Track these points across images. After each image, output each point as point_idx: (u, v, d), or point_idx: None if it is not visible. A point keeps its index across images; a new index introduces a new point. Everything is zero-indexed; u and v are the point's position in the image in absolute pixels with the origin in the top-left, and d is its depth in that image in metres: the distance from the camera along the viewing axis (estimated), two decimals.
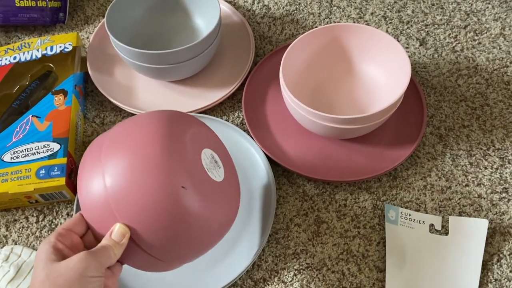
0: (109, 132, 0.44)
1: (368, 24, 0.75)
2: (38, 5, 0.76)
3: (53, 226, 0.59)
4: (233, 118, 0.67)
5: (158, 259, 0.42)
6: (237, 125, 0.66)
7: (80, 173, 0.42)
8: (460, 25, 0.73)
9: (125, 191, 0.39)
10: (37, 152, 0.59)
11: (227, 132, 0.64)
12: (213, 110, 0.68)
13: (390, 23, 0.74)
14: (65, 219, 0.60)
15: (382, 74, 0.63)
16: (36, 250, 0.57)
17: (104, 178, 0.40)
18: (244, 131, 0.64)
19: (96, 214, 0.41)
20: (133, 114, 0.68)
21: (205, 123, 0.49)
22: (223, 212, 0.45)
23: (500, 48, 0.70)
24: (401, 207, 0.58)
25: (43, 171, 0.58)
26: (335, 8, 0.77)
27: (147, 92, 0.68)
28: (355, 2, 0.77)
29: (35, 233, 0.59)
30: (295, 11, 0.77)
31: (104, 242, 0.40)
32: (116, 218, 0.40)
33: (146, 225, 0.40)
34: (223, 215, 0.45)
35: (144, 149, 0.40)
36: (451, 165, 0.61)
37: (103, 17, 0.78)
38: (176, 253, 0.43)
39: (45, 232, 0.59)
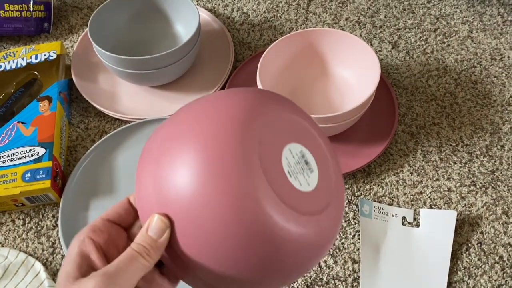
0: (171, 121, 0.33)
1: (342, 29, 0.78)
2: (23, 16, 0.78)
3: (39, 228, 0.61)
4: None
5: None
6: None
7: (138, 169, 0.33)
8: (430, 28, 0.77)
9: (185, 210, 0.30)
10: (23, 156, 0.61)
11: None
12: None
13: (364, 27, 0.78)
14: (50, 221, 0.62)
15: (354, 75, 0.66)
16: (22, 251, 0.59)
17: (157, 186, 0.31)
18: None
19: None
20: (116, 119, 0.70)
21: (299, 108, 0.36)
22: (306, 233, 0.32)
23: (468, 50, 0.74)
24: (375, 201, 0.60)
25: (29, 175, 0.60)
26: (311, 14, 0.80)
27: (129, 98, 0.71)
28: (330, 9, 0.81)
29: (22, 235, 0.61)
30: (273, 18, 0.80)
31: (133, 246, 0.30)
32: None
33: (216, 259, 0.30)
34: (305, 238, 0.32)
35: (212, 155, 0.30)
36: (422, 161, 0.63)
37: (87, 26, 0.81)
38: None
39: (31, 234, 0.61)
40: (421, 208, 0.60)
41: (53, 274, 0.58)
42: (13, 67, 0.71)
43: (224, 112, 0.31)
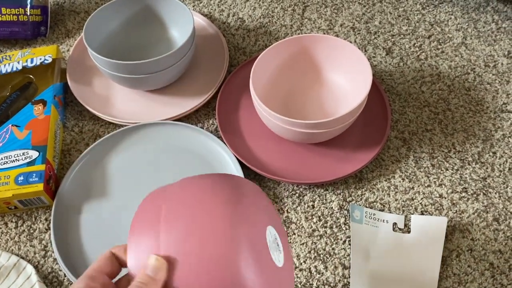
0: (170, 192, 0.39)
1: (337, 35, 0.78)
2: (20, 19, 0.78)
3: (32, 231, 0.61)
4: (207, 125, 0.70)
5: None
6: (211, 132, 0.68)
7: (133, 228, 0.37)
8: (425, 35, 0.77)
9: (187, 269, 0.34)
10: (16, 159, 0.61)
11: (202, 138, 0.66)
12: (188, 117, 0.70)
13: (358, 33, 0.78)
14: (43, 224, 0.62)
15: (347, 81, 0.67)
16: (14, 254, 0.59)
17: (162, 248, 0.35)
18: (218, 137, 0.67)
19: None
20: (111, 123, 0.70)
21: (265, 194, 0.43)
22: None
23: (462, 56, 0.74)
24: (366, 207, 0.61)
25: (22, 178, 0.60)
26: (306, 20, 0.81)
27: (124, 102, 0.71)
28: (325, 15, 0.81)
29: (14, 238, 0.61)
30: (268, 23, 0.81)
31: (134, 283, 0.34)
32: None
33: None
34: None
35: (209, 224, 0.35)
36: (414, 167, 0.64)
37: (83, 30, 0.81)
38: None
39: (24, 237, 0.61)
40: (412, 214, 0.60)
41: (44, 277, 0.58)
42: (9, 70, 0.71)
43: (213, 213, 0.36)
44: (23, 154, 0.62)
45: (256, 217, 0.38)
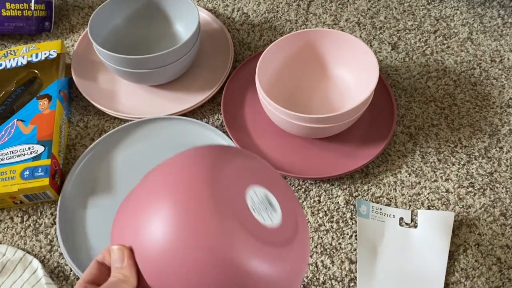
0: (143, 184, 0.37)
1: (342, 30, 0.78)
2: (24, 15, 0.78)
3: (37, 226, 0.61)
4: (213, 120, 0.70)
5: None
6: (216, 127, 0.68)
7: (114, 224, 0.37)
8: (430, 30, 0.77)
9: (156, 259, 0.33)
10: (22, 154, 0.61)
11: (207, 133, 0.66)
12: (193, 112, 0.70)
13: (364, 28, 0.78)
14: (49, 219, 0.62)
15: (353, 76, 0.66)
16: (20, 249, 0.59)
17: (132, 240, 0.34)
18: (223, 132, 0.66)
19: None
20: (116, 118, 0.70)
21: (259, 158, 0.41)
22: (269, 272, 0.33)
23: (467, 52, 0.74)
24: (373, 202, 0.60)
25: (27, 172, 0.60)
26: (311, 15, 0.80)
27: (129, 97, 0.71)
28: (330, 10, 0.81)
29: (20, 233, 0.61)
30: (273, 18, 0.80)
31: (110, 278, 0.35)
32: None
33: None
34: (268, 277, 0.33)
35: (183, 201, 0.33)
36: (421, 162, 0.63)
37: (87, 25, 0.81)
38: None
39: (30, 231, 0.61)
40: (419, 209, 0.60)
41: (50, 272, 0.58)
42: (14, 65, 0.71)
43: (192, 171, 0.35)
44: (29, 148, 0.62)
45: (231, 181, 0.35)
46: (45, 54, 0.71)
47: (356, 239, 0.58)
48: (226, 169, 0.36)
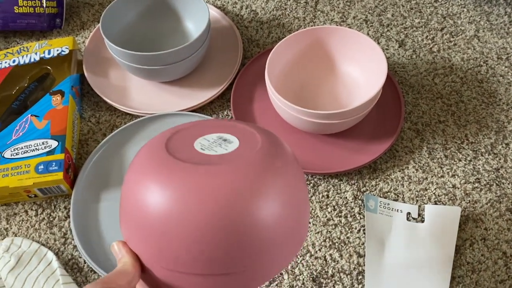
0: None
1: (350, 27, 0.79)
2: (36, 12, 0.79)
3: (51, 219, 0.62)
4: (222, 116, 0.71)
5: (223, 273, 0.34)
6: None
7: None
8: (437, 27, 0.78)
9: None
10: (36, 148, 0.63)
11: None
12: (203, 108, 0.71)
13: (371, 26, 0.79)
14: (62, 212, 0.63)
15: (361, 73, 0.67)
16: (35, 241, 0.60)
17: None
18: None
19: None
20: (127, 114, 0.71)
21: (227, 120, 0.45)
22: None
23: (474, 49, 0.75)
24: (380, 197, 0.61)
25: (42, 166, 0.61)
26: (319, 12, 0.81)
27: (140, 93, 0.72)
28: (338, 7, 0.81)
29: (34, 226, 0.62)
30: (281, 16, 0.81)
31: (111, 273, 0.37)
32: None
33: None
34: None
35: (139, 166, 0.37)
36: (428, 157, 0.64)
37: (98, 22, 0.82)
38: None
39: (44, 225, 0.62)
40: (426, 204, 0.61)
41: (64, 264, 0.59)
42: (27, 61, 0.72)
43: (152, 143, 0.40)
44: (43, 143, 0.63)
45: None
46: (57, 50, 0.73)
47: (364, 233, 0.59)
48: (177, 135, 0.41)
